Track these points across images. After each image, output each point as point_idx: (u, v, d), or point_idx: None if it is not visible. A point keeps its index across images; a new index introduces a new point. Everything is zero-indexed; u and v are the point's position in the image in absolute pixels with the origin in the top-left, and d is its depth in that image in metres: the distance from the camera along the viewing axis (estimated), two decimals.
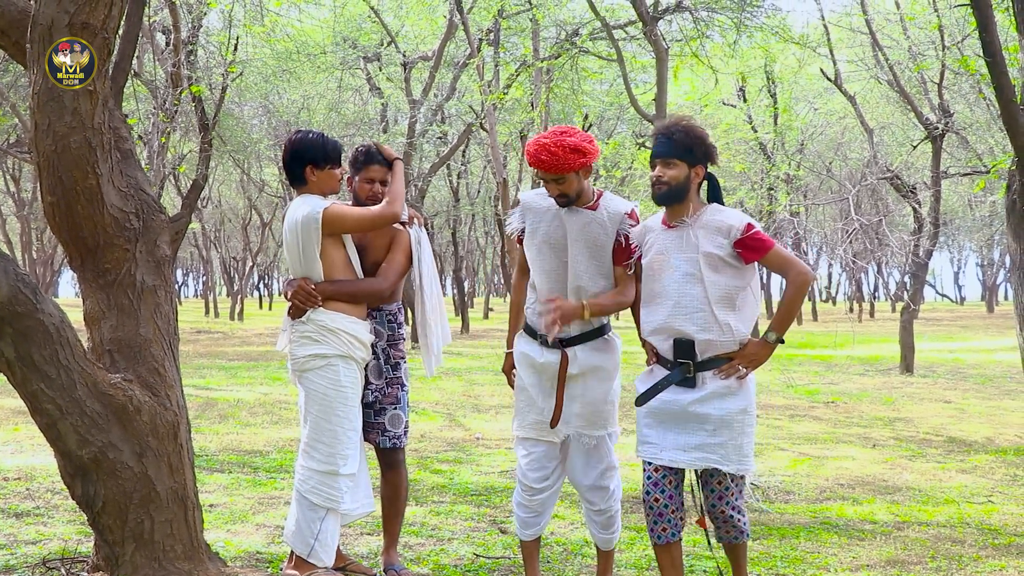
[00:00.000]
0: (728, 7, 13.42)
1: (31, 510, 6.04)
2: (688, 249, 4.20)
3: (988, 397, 13.02)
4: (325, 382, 4.62)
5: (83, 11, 3.96)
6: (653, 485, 4.25)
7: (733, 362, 4.15)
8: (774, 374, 16.02)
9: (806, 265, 4.17)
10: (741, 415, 4.16)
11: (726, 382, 4.15)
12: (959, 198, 30.77)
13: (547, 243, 4.48)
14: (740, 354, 4.16)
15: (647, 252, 4.33)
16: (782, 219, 23.52)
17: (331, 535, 4.61)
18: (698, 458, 4.16)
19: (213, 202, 38.58)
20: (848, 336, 25.73)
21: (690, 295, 4.16)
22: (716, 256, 4.14)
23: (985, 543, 5.62)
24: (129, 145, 4.55)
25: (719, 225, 4.18)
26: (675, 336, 4.19)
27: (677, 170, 4.21)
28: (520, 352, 4.60)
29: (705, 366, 4.17)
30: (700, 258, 4.16)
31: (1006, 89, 7.16)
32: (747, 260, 4.15)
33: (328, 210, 4.58)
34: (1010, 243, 7.61)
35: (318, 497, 4.60)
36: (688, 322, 4.15)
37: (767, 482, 7.27)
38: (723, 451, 4.14)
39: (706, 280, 4.14)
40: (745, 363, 4.16)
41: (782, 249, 4.19)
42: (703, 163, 4.27)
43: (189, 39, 13.55)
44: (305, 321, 4.65)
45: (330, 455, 4.60)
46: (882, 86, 18.20)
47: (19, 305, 4.03)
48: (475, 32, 18.50)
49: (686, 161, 4.22)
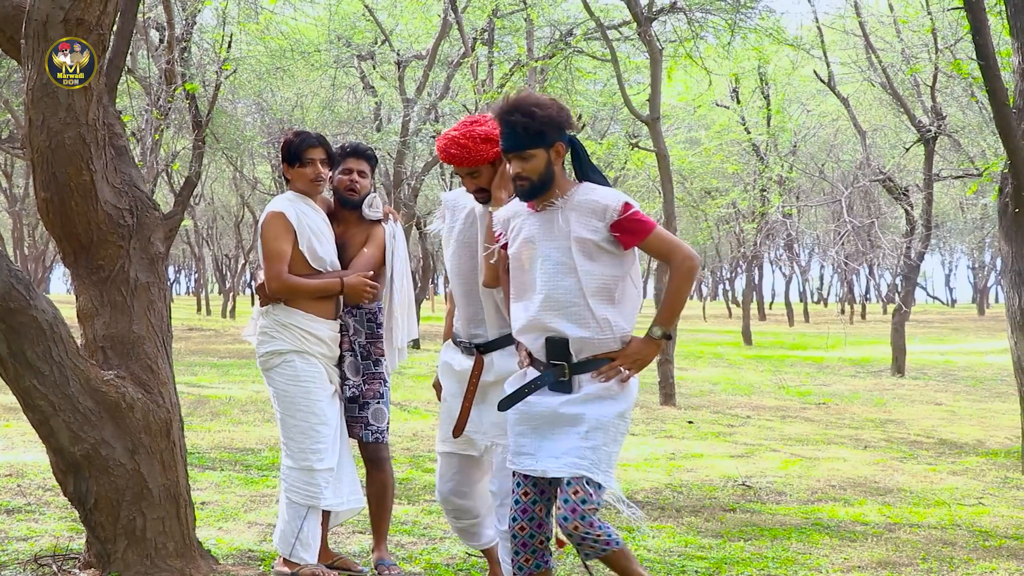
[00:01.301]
0: (722, 8, 13.45)
1: (22, 507, 6.03)
2: (558, 235, 3.70)
3: (979, 399, 13.06)
4: (284, 379, 4.65)
5: (78, 7, 3.96)
6: (522, 512, 3.72)
7: (614, 363, 3.67)
8: (766, 375, 16.05)
9: (691, 249, 3.70)
10: (619, 420, 3.69)
11: (606, 385, 3.66)
12: (951, 201, 30.85)
13: (463, 244, 4.22)
14: (622, 353, 3.68)
15: (513, 240, 3.82)
16: (774, 220, 23.55)
17: (312, 533, 4.62)
18: (568, 464, 3.62)
19: (206, 199, 38.48)
20: (839, 338, 25.78)
21: (562, 287, 3.67)
22: (590, 242, 3.65)
23: (976, 545, 5.64)
24: (123, 142, 4.55)
25: (593, 206, 3.68)
26: (547, 334, 3.69)
27: (535, 160, 3.68)
28: (443, 362, 4.37)
29: (582, 368, 3.69)
30: (572, 244, 3.66)
31: (999, 92, 7.18)
32: (626, 245, 3.67)
33: (269, 215, 4.67)
34: (1002, 246, 7.63)
35: (297, 495, 4.62)
36: (561, 318, 3.66)
37: (758, 483, 7.28)
38: (595, 457, 3.63)
39: (580, 270, 3.65)
40: (628, 364, 3.68)
41: (664, 232, 3.72)
42: (560, 139, 3.72)
43: (183, 36, 13.53)
44: (265, 315, 4.71)
45: (300, 451, 4.62)
46: (875, 88, 18.22)
47: (12, 301, 4.03)
48: (469, 31, 18.49)
49: (541, 146, 3.68)
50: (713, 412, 11.34)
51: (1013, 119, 7.18)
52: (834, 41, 19.45)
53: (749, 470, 7.78)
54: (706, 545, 5.49)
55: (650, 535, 5.66)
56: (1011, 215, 7.41)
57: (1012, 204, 7.36)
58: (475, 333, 4.22)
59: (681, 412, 11.21)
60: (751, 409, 11.69)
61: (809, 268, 56.65)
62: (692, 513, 6.28)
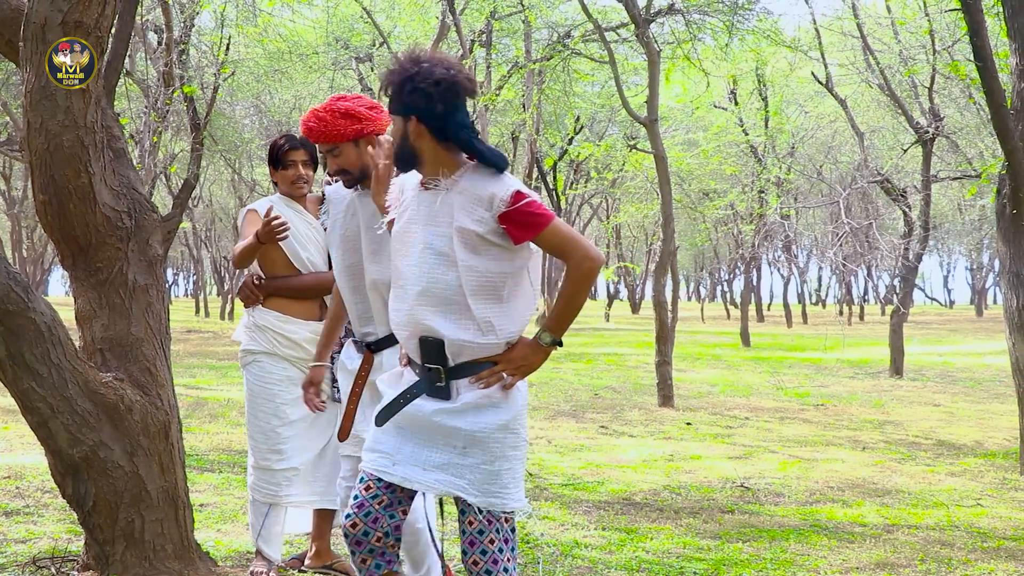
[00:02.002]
0: (720, 10, 13.47)
1: (21, 509, 6.03)
2: (441, 220, 3.21)
3: (977, 400, 13.06)
4: (253, 378, 4.77)
5: (76, 9, 3.96)
6: (358, 507, 3.26)
7: (496, 367, 3.21)
8: (764, 376, 16.06)
9: (593, 247, 3.21)
10: (501, 433, 3.21)
11: (486, 391, 3.21)
12: (949, 202, 30.87)
13: (345, 238, 3.95)
14: (506, 357, 3.22)
15: (399, 217, 3.35)
16: (773, 222, 23.57)
17: (274, 530, 4.74)
18: (439, 480, 3.20)
19: (204, 201, 38.49)
20: (838, 339, 25.78)
21: (442, 282, 3.19)
22: (474, 233, 3.17)
23: (974, 546, 5.64)
24: (121, 144, 4.55)
25: (480, 193, 3.18)
26: (421, 334, 3.23)
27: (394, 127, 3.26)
28: (340, 361, 4.13)
29: (460, 372, 3.22)
30: (454, 234, 3.18)
31: (996, 94, 7.19)
32: (516, 240, 3.17)
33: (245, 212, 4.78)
34: (1000, 247, 7.64)
35: (258, 492, 4.75)
36: (438, 316, 3.20)
37: (757, 484, 7.29)
38: (472, 476, 3.19)
39: (461, 264, 3.17)
40: (511, 369, 3.22)
41: (563, 227, 3.20)
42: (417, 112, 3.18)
43: (181, 38, 13.53)
44: (248, 316, 4.83)
45: (259, 451, 4.74)
46: (873, 90, 18.24)
47: (11, 303, 4.03)
48: (467, 33, 18.50)
49: (400, 114, 3.22)
50: (711, 413, 11.34)
51: (1011, 120, 7.19)
52: (832, 42, 19.46)
53: (747, 471, 7.79)
54: (704, 546, 5.50)
55: (648, 536, 5.66)
56: (1009, 216, 7.42)
57: (1010, 205, 7.37)
58: (366, 331, 3.95)
59: (679, 413, 11.21)
60: (749, 410, 11.69)
61: (807, 269, 56.67)
62: (690, 514, 6.29)
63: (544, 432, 9.66)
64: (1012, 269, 7.44)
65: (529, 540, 5.53)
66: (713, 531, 5.86)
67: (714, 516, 6.25)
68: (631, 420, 10.65)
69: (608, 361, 18.53)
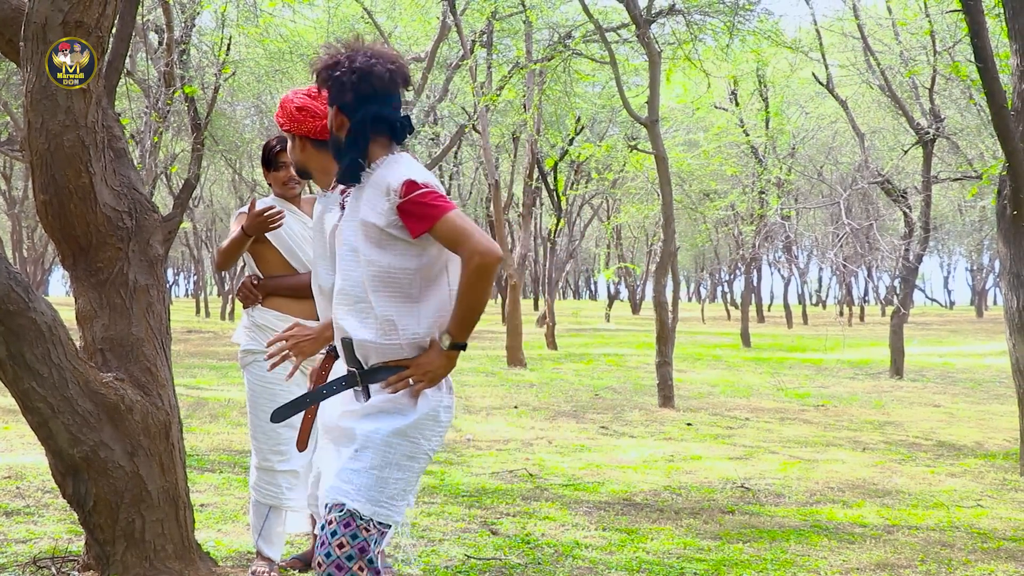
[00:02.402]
0: (721, 11, 13.47)
1: (21, 508, 6.03)
2: (356, 215, 3.12)
3: (977, 401, 13.06)
4: (253, 379, 4.79)
5: (77, 9, 3.96)
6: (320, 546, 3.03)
7: (404, 373, 3.08)
8: (764, 377, 16.06)
9: (488, 241, 3.01)
10: (395, 439, 3.06)
11: (392, 397, 3.09)
12: (949, 203, 30.87)
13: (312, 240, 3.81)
14: (415, 363, 3.08)
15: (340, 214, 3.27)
16: (773, 222, 23.57)
17: (274, 531, 4.75)
18: (331, 488, 3.04)
19: (205, 201, 38.52)
20: (838, 340, 25.79)
21: (351, 279, 3.10)
22: (375, 227, 3.05)
23: (975, 547, 5.64)
24: (122, 144, 4.56)
25: (380, 183, 3.06)
26: (342, 335, 3.14)
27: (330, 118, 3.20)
28: None
29: (374, 376, 3.11)
30: (358, 227, 3.09)
31: (997, 95, 7.19)
32: (412, 232, 3.02)
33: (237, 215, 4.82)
34: (1000, 248, 7.64)
35: (260, 493, 4.75)
36: (349, 316, 3.10)
37: (757, 485, 7.29)
38: (359, 482, 3.01)
39: (363, 258, 3.07)
40: (418, 375, 3.08)
41: (459, 219, 3.02)
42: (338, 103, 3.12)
43: (182, 38, 13.54)
44: (248, 315, 4.86)
45: (261, 451, 4.75)
46: (873, 91, 18.24)
47: (11, 303, 4.03)
48: (468, 34, 18.50)
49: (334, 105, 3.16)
50: (712, 414, 11.34)
51: (1011, 121, 7.19)
52: (832, 43, 19.47)
53: (748, 472, 7.79)
54: (705, 547, 5.50)
55: (649, 537, 5.66)
56: (1009, 217, 7.42)
57: (1010, 206, 7.37)
58: None
59: (680, 414, 11.21)
60: (750, 411, 11.69)
61: (808, 270, 56.68)
62: (691, 515, 6.29)
63: (544, 432, 9.66)
64: (1012, 270, 7.44)
65: (529, 540, 5.53)
66: (713, 532, 5.86)
67: (714, 517, 6.25)
68: (631, 421, 10.65)
69: (608, 362, 18.53)
